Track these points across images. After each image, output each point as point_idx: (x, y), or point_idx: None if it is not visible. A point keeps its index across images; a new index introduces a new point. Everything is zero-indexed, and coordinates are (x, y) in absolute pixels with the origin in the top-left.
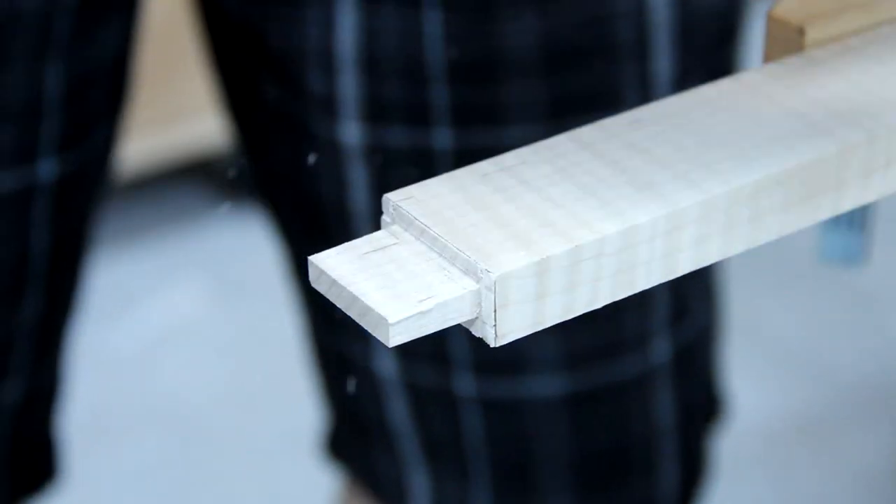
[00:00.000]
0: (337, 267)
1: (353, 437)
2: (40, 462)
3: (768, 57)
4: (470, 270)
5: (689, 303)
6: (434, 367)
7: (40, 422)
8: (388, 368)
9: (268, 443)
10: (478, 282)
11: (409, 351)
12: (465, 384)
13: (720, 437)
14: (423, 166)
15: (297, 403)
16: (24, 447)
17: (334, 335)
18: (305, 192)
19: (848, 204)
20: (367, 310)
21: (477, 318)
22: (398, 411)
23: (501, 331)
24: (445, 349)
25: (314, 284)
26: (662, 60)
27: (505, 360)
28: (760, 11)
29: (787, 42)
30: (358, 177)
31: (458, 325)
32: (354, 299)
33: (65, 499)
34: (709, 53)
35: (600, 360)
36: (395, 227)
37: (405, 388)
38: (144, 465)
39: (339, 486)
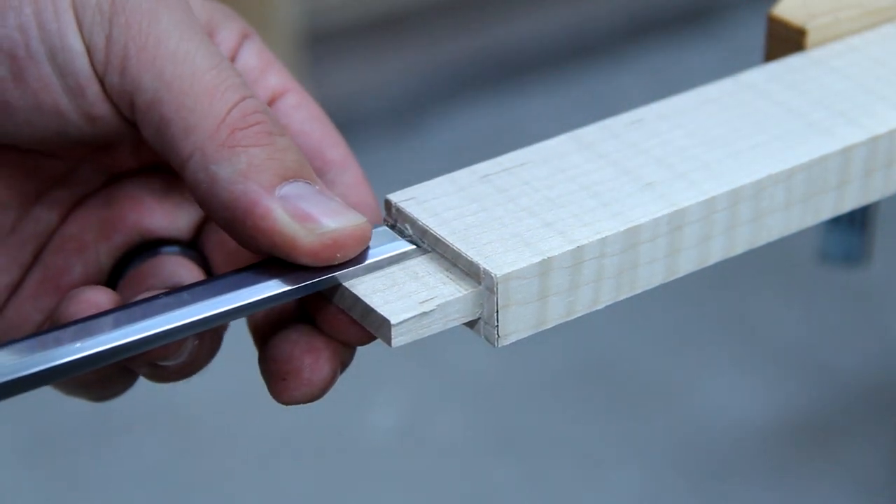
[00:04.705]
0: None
1: None
2: None
3: (768, 57)
4: (472, 271)
5: None
6: None
7: None
8: None
9: (268, 443)
10: (480, 282)
11: None
12: None
13: (720, 438)
14: None
15: None
16: None
17: None
18: None
19: (849, 204)
20: (370, 311)
21: (479, 318)
22: None
23: (504, 332)
24: None
25: None
26: None
27: None
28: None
29: (787, 42)
30: None
31: None
32: (357, 300)
33: (66, 498)
34: None
35: None
36: (397, 228)
37: None
38: (144, 465)
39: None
